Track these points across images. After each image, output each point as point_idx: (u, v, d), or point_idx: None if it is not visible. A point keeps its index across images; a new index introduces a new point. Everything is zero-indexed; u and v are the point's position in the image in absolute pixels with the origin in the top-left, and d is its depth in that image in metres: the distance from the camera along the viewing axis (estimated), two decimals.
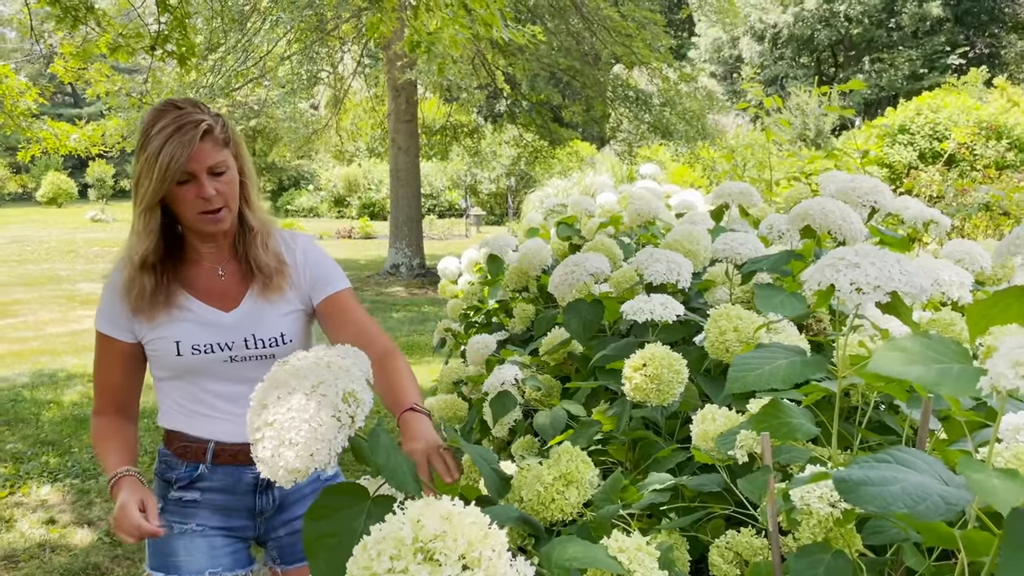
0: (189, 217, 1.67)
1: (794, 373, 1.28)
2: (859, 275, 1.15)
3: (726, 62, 35.93)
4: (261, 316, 1.75)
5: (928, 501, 0.79)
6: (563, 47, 11.32)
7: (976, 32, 32.43)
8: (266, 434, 0.98)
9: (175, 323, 1.70)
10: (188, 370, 1.72)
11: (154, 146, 1.57)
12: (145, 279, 1.68)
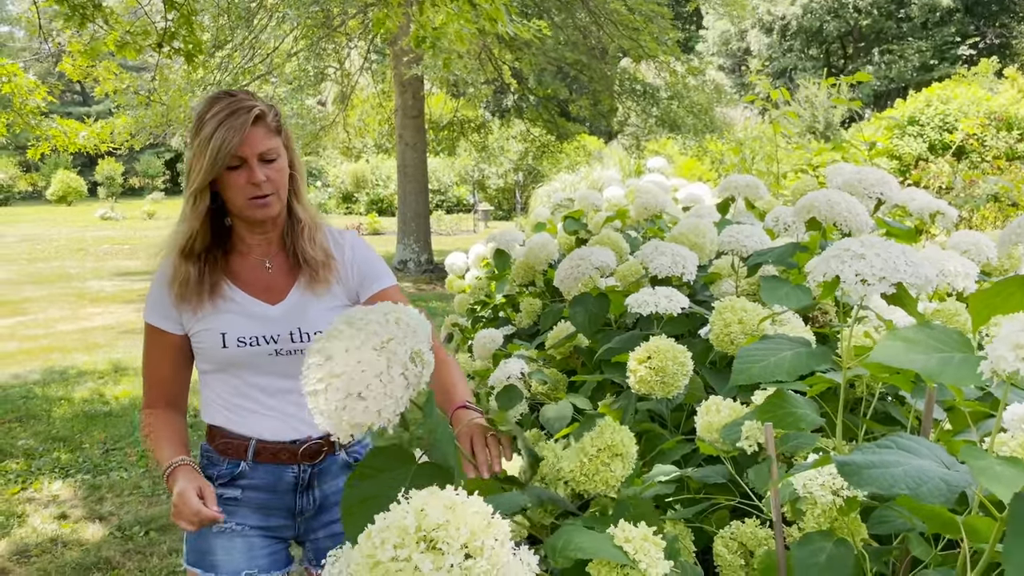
0: (239, 203, 1.67)
1: (799, 364, 1.29)
2: (864, 266, 1.15)
3: (734, 55, 35.79)
4: (307, 310, 1.75)
5: (929, 484, 0.79)
6: (570, 41, 11.31)
7: (987, 22, 32.18)
8: (331, 385, 0.95)
9: (220, 314, 1.70)
10: (233, 363, 1.71)
11: (207, 130, 1.60)
12: (190, 267, 1.68)
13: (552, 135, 14.55)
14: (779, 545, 1.23)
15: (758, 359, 1.37)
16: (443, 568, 0.82)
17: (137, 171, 37.91)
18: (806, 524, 1.16)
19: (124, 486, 4.41)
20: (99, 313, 9.85)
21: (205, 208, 1.67)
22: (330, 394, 0.94)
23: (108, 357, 7.40)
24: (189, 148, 1.65)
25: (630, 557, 1.03)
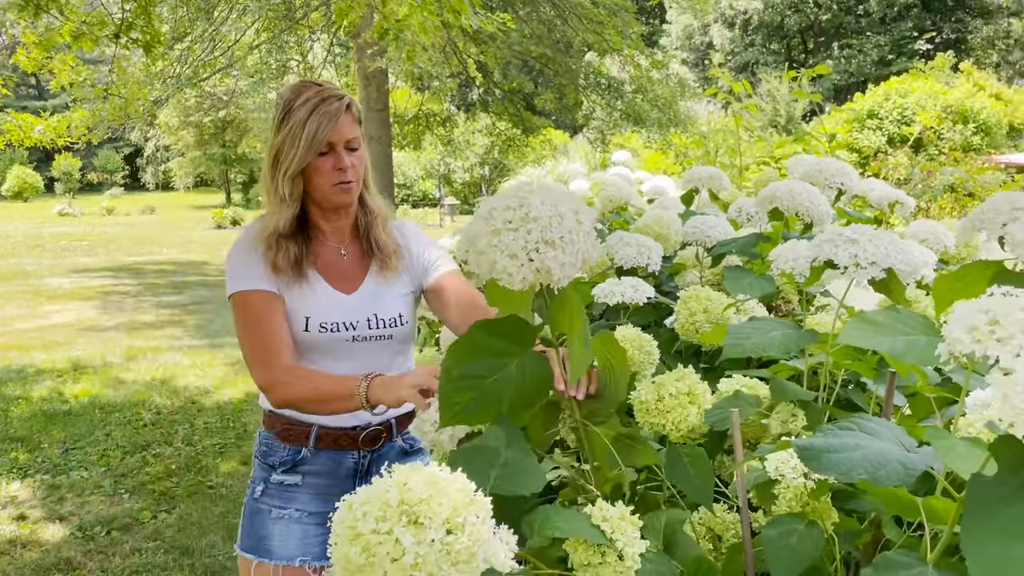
0: (324, 188, 1.71)
1: (789, 342, 1.33)
2: (858, 250, 1.18)
3: (697, 49, 36.07)
4: (382, 296, 1.80)
5: (888, 467, 0.80)
6: (535, 34, 11.30)
7: (943, 17, 32.79)
8: (526, 227, 0.93)
9: (305, 298, 1.72)
10: (310, 348, 1.72)
11: (299, 116, 1.65)
12: (291, 245, 1.70)
13: (518, 129, 14.54)
14: (745, 528, 1.24)
15: (748, 336, 1.39)
16: (424, 542, 0.82)
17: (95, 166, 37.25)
18: (778, 508, 1.17)
19: (85, 486, 4.33)
20: (57, 311, 9.65)
21: (300, 191, 1.71)
22: (522, 235, 0.93)
23: (67, 355, 7.26)
24: (275, 134, 1.69)
25: (607, 536, 1.03)
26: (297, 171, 1.67)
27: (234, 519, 3.92)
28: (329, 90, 1.69)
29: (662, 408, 1.20)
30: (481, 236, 0.96)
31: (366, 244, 1.81)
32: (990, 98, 18.19)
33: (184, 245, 17.60)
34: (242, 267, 1.71)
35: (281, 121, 1.68)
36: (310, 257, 1.74)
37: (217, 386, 6.34)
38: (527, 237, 0.93)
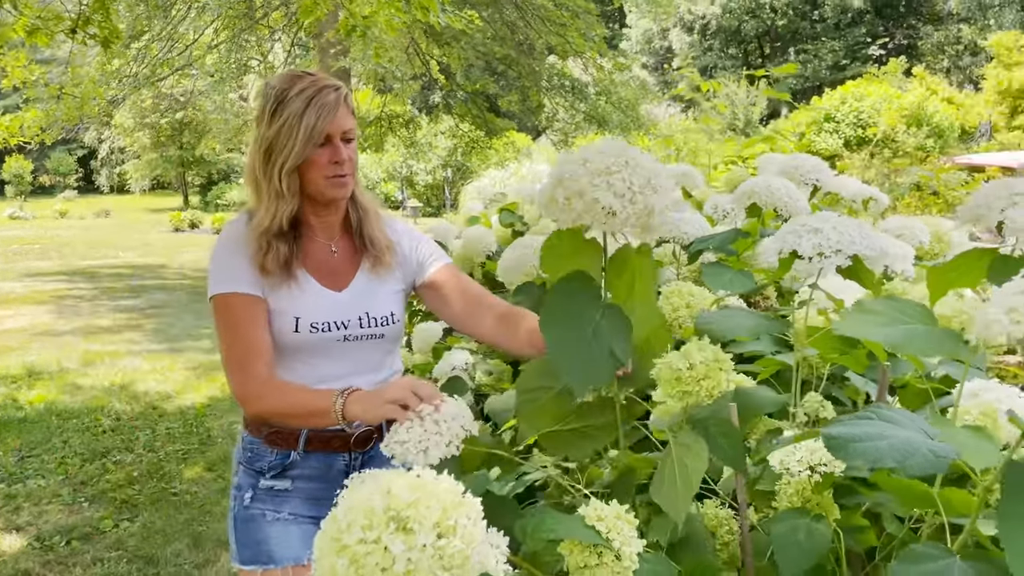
0: (319, 182, 1.64)
1: (759, 327, 1.31)
2: (821, 239, 1.17)
3: (657, 53, 36.39)
4: (374, 293, 1.73)
5: (917, 455, 0.78)
6: (498, 36, 11.27)
7: (895, 24, 33.49)
8: (633, 172, 1.02)
9: (294, 298, 1.64)
10: (301, 348, 1.65)
11: (295, 107, 1.57)
12: (281, 244, 1.63)
13: (481, 131, 14.49)
14: (743, 525, 1.23)
15: (716, 321, 1.38)
16: (415, 548, 0.78)
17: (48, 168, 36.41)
18: (778, 503, 1.15)
19: (42, 494, 4.19)
20: (10, 315, 9.38)
21: (298, 186, 1.63)
22: (626, 176, 1.02)
23: (21, 361, 7.05)
24: (266, 126, 1.61)
25: (603, 536, 1.00)
26: (296, 165, 1.59)
27: (199, 526, 3.82)
28: (324, 79, 1.62)
29: (694, 375, 1.14)
30: (581, 177, 1.02)
31: (358, 241, 1.75)
32: (942, 102, 18.61)
33: (141, 248, 17.26)
34: (226, 268, 1.63)
35: (274, 112, 1.59)
36: (300, 255, 1.67)
37: (179, 391, 6.20)
38: (632, 179, 1.01)
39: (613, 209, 1.00)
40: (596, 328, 1.06)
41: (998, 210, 1.05)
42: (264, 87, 1.67)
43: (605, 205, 1.00)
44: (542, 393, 1.20)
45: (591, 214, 1.01)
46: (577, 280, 1.08)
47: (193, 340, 8.10)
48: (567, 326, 1.05)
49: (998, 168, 11.20)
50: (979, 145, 17.42)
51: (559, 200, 1.04)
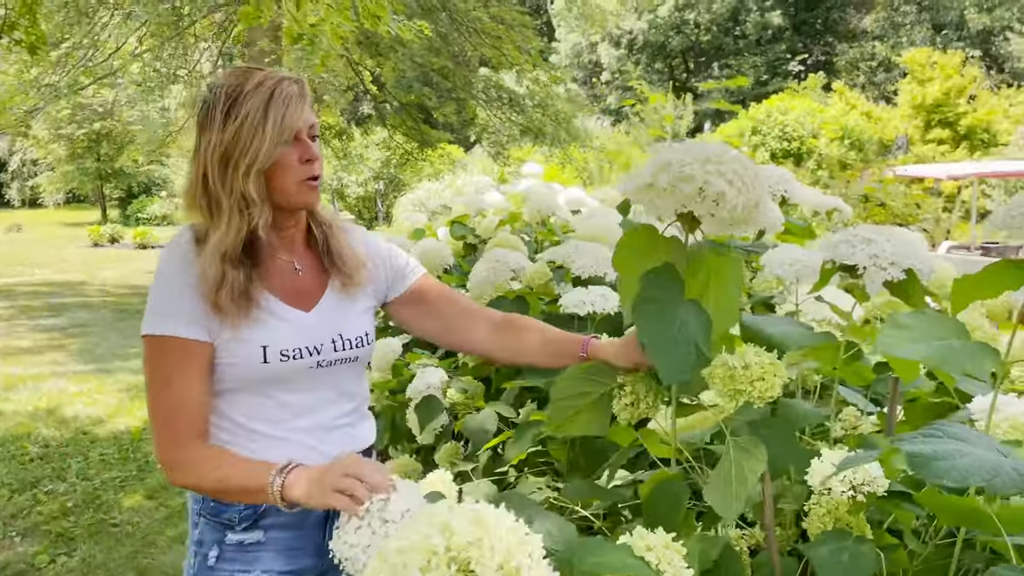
0: (288, 186, 1.44)
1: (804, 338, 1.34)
2: (877, 250, 1.14)
3: (585, 67, 36.84)
4: (345, 313, 1.55)
5: (1003, 474, 0.75)
6: (433, 48, 11.20)
7: (813, 40, 34.68)
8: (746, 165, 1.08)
9: (259, 325, 1.43)
10: (270, 380, 1.46)
11: (255, 102, 1.38)
12: (236, 272, 1.40)
13: (415, 142, 14.36)
14: (772, 549, 1.19)
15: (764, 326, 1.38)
16: None
17: None
18: (810, 524, 1.12)
19: None
20: None
21: (265, 195, 1.43)
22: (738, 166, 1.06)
23: None
24: (219, 131, 1.40)
25: (653, 567, 0.94)
26: (265, 166, 1.40)
27: (144, 559, 3.63)
28: (280, 71, 1.45)
29: (748, 376, 1.15)
30: (692, 163, 1.05)
31: (326, 258, 1.57)
32: (861, 116, 19.32)
33: (58, 265, 16.51)
34: (164, 302, 1.41)
35: (228, 112, 1.39)
36: (260, 276, 1.47)
37: (111, 414, 5.91)
38: (742, 170, 1.06)
39: (725, 194, 1.04)
40: (683, 323, 1.10)
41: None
42: (207, 88, 1.46)
43: (718, 189, 1.03)
44: (580, 399, 1.28)
45: (697, 199, 1.05)
46: (665, 273, 1.11)
47: (122, 360, 7.75)
48: (657, 319, 1.09)
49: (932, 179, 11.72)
50: (896, 158, 18.13)
51: (661, 185, 1.06)
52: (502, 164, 13.47)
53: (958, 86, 19.90)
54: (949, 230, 11.61)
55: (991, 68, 27.83)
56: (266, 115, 1.38)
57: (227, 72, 1.47)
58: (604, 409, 1.30)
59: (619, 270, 1.19)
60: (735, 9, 33.42)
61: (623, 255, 1.17)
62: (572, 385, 1.30)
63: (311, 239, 1.59)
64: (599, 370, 1.33)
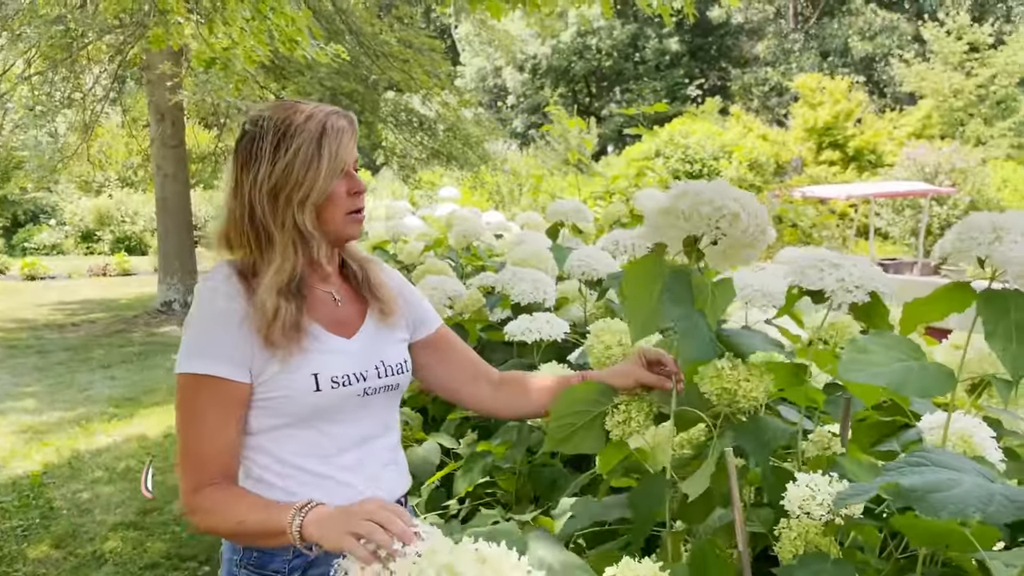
0: (338, 219, 1.45)
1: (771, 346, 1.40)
2: (844, 274, 1.18)
3: (491, 91, 37.16)
4: (385, 340, 1.54)
5: (995, 502, 0.77)
6: (341, 71, 11.08)
7: (709, 66, 35.99)
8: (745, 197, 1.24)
9: (308, 354, 1.39)
10: (321, 410, 1.41)
11: (307, 135, 1.39)
12: (292, 305, 1.38)
13: None
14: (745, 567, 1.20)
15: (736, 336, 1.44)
16: None
17: None
18: (782, 547, 1.13)
19: None
20: None
21: (317, 227, 1.43)
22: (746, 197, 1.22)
23: None
24: (268, 164, 1.39)
25: None
26: (321, 199, 1.40)
27: None
28: (327, 105, 1.46)
29: (735, 376, 1.27)
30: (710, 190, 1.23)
31: (367, 290, 1.56)
32: (758, 138, 20.12)
33: None
34: (205, 339, 1.37)
35: (277, 145, 1.39)
36: (308, 309, 1.45)
37: (6, 459, 5.53)
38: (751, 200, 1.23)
39: (739, 215, 1.17)
40: (699, 318, 1.22)
41: (985, 244, 1.09)
42: (249, 122, 1.46)
43: (733, 211, 1.17)
44: (579, 418, 1.38)
45: (714, 221, 1.18)
46: (684, 277, 1.23)
47: (14, 400, 7.29)
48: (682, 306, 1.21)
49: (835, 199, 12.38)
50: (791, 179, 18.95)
51: (682, 207, 1.20)
52: (412, 187, 13.41)
53: (846, 110, 20.99)
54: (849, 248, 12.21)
55: (874, 93, 29.49)
56: (320, 148, 1.40)
57: (271, 105, 1.47)
58: (600, 427, 1.39)
59: (627, 294, 1.26)
60: (635, 35, 34.38)
61: (631, 279, 1.26)
62: (572, 404, 1.39)
63: (346, 271, 1.60)
64: (601, 391, 1.41)
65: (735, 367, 1.27)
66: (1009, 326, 0.98)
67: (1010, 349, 0.97)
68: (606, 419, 1.39)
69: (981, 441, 1.23)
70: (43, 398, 7.28)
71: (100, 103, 11.76)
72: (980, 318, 1.04)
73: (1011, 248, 1.06)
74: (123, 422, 6.47)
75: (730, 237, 1.19)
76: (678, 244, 1.25)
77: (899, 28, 30.37)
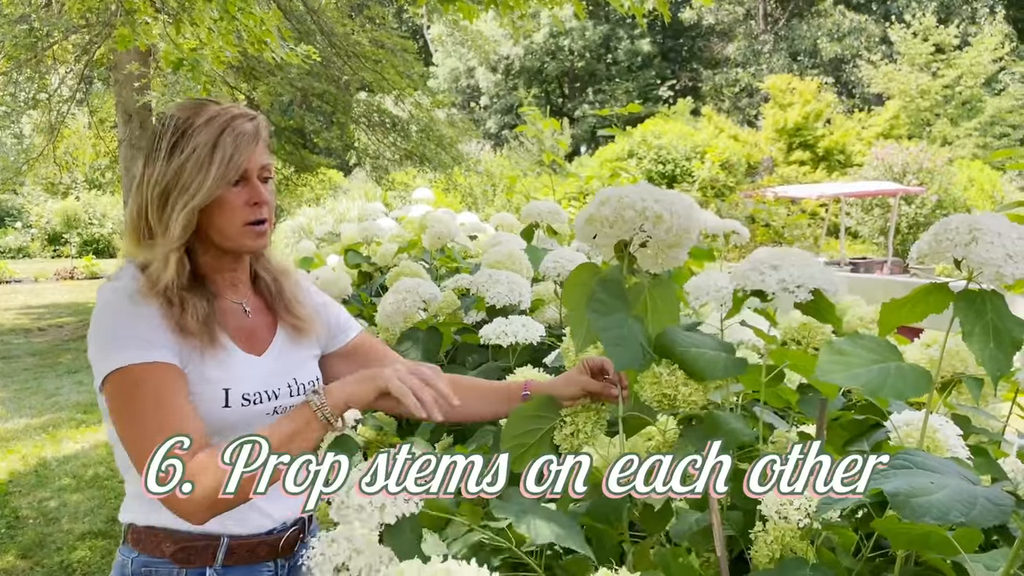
0: (231, 229, 1.37)
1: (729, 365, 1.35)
2: (784, 275, 1.19)
3: (464, 91, 37.13)
4: (296, 357, 1.49)
5: (979, 506, 0.76)
6: (313, 72, 11.01)
7: (680, 67, 36.22)
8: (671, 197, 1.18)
9: (221, 366, 1.34)
10: (231, 425, 1.34)
11: (204, 137, 1.31)
12: (198, 300, 1.35)
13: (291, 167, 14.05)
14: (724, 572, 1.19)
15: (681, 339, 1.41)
16: None
17: None
18: (757, 552, 1.12)
19: None
20: None
21: (191, 233, 1.35)
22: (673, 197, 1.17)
23: None
24: (164, 163, 1.32)
25: None
26: (204, 203, 1.32)
27: None
28: (236, 107, 1.38)
29: (673, 381, 1.27)
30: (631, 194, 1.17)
31: (279, 304, 1.51)
32: (730, 139, 20.29)
33: None
34: (126, 334, 1.30)
35: (174, 145, 1.33)
36: (215, 315, 1.39)
37: None
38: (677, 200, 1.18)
39: (662, 216, 1.13)
40: (631, 325, 1.18)
41: (962, 245, 1.09)
42: (160, 118, 1.40)
43: (656, 212, 1.13)
44: (531, 436, 1.34)
45: (637, 224, 1.15)
46: (612, 282, 1.19)
47: None
48: (608, 316, 1.16)
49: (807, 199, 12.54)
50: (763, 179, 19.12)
51: (605, 216, 1.16)
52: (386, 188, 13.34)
53: (816, 110, 21.22)
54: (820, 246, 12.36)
55: (843, 93, 29.85)
56: (213, 151, 1.32)
57: (181, 104, 1.41)
58: (550, 441, 1.37)
59: (567, 305, 1.23)
60: (607, 36, 34.53)
61: (570, 290, 1.22)
62: (521, 423, 1.34)
63: (258, 284, 1.54)
64: (545, 406, 1.37)
65: (672, 372, 1.25)
66: (987, 326, 0.98)
67: (987, 349, 0.97)
68: (555, 433, 1.37)
69: (945, 439, 1.23)
70: (8, 404, 7.14)
71: (66, 104, 11.57)
72: (957, 319, 1.03)
73: (987, 249, 1.06)
74: (91, 428, 6.36)
75: (655, 239, 1.17)
76: (610, 251, 1.23)
77: (867, 30, 30.77)
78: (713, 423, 1.32)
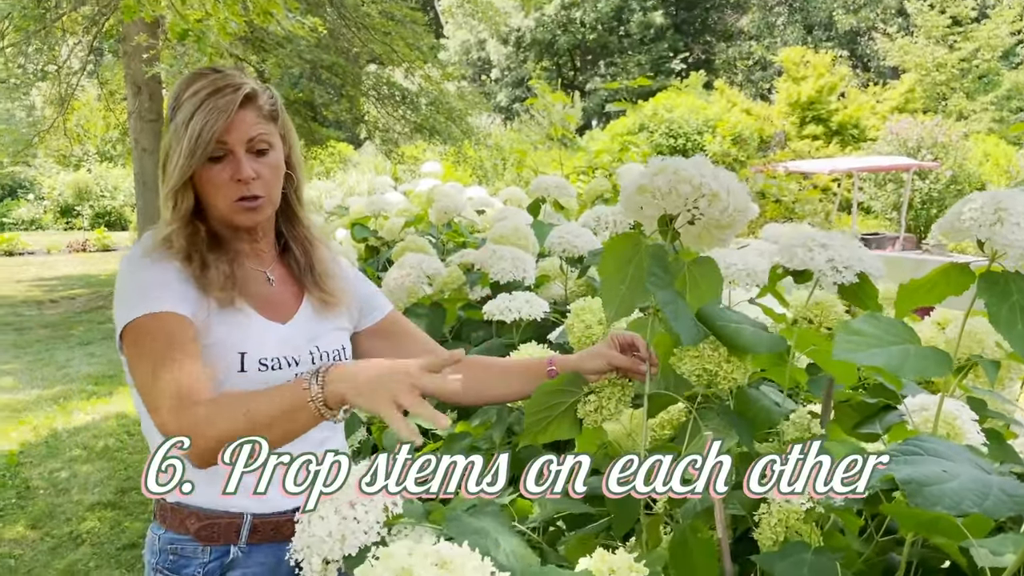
0: (221, 206, 1.35)
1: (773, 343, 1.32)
2: (833, 254, 1.14)
3: (475, 64, 36.85)
4: (321, 326, 1.46)
5: (991, 497, 0.73)
6: (322, 44, 10.92)
7: (693, 39, 35.79)
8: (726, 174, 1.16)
9: (236, 329, 1.32)
10: None
11: (184, 112, 1.29)
12: (221, 262, 1.34)
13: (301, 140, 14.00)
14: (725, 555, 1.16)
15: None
16: None
17: None
18: (761, 533, 1.10)
19: None
20: None
21: (188, 208, 1.34)
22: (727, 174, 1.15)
23: None
24: (164, 136, 1.33)
25: None
26: (180, 182, 1.30)
27: None
28: (226, 78, 1.33)
29: (716, 358, 1.23)
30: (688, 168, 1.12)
31: (308, 277, 1.47)
32: (742, 113, 20.06)
33: None
34: (144, 286, 1.29)
35: (171, 117, 1.33)
36: (236, 279, 1.37)
37: None
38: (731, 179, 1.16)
39: (719, 195, 1.09)
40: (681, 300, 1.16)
41: (987, 225, 1.05)
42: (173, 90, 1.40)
43: (713, 190, 1.09)
44: (553, 411, 1.34)
45: (692, 200, 1.11)
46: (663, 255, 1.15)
47: None
48: (667, 288, 1.14)
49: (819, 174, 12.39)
50: (775, 153, 18.92)
51: (659, 187, 1.11)
52: (395, 162, 13.29)
53: (830, 84, 20.93)
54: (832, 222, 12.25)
55: (857, 67, 29.45)
56: (188, 127, 1.29)
57: (187, 74, 1.39)
58: (573, 415, 1.36)
59: (602, 274, 1.20)
60: (619, 8, 34.10)
61: (608, 259, 1.19)
62: (546, 398, 1.34)
63: (288, 253, 1.51)
64: (571, 381, 1.36)
65: (716, 348, 1.23)
66: (1014, 308, 0.94)
67: (1016, 330, 0.93)
68: (578, 407, 1.35)
69: (963, 426, 1.20)
70: (20, 376, 7.19)
71: (76, 76, 11.53)
72: (982, 300, 1.00)
73: (1012, 231, 1.02)
74: (102, 400, 6.40)
75: (708, 218, 1.13)
76: (654, 223, 1.18)
77: (883, 1, 30.28)
78: (744, 400, 1.30)
